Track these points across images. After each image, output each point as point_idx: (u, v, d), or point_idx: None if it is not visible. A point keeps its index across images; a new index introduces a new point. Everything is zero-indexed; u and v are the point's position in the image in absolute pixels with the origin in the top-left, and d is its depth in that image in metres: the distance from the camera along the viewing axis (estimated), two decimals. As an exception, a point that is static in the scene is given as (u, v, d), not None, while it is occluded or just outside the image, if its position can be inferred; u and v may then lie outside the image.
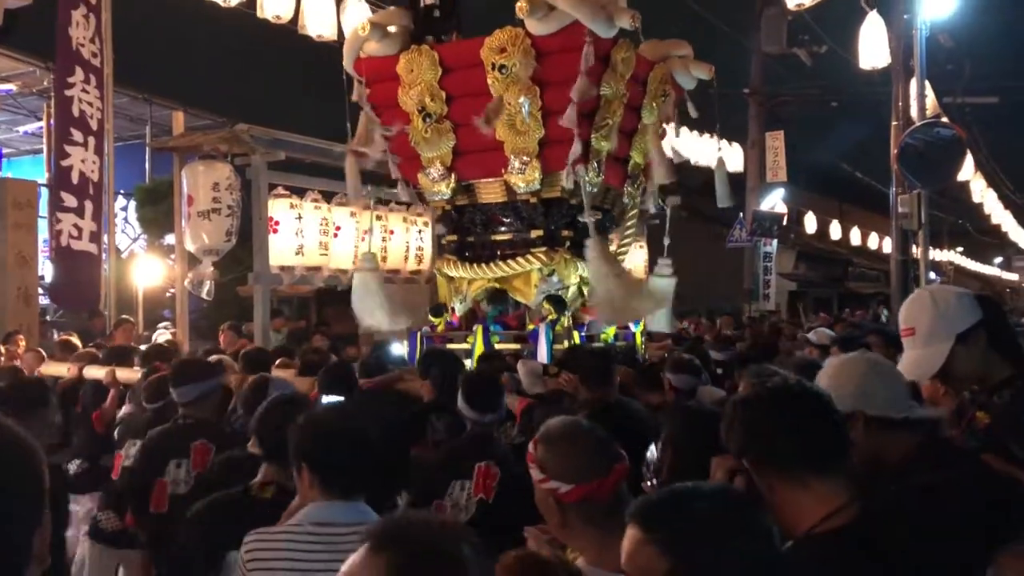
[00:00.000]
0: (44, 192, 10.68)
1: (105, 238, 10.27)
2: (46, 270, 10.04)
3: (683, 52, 6.60)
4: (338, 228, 9.85)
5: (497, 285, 6.24)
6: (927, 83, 11.49)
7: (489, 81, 5.74)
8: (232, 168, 8.78)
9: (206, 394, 3.91)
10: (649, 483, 2.33)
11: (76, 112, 9.88)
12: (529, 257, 6.06)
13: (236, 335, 8.99)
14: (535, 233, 6.18)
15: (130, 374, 5.30)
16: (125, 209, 14.62)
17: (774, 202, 18.39)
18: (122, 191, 13.53)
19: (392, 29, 6.15)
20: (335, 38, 9.09)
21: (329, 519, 2.10)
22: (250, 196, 9.09)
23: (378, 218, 10.51)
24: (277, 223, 9.22)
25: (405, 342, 6.72)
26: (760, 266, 17.79)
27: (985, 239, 33.64)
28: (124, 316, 9.46)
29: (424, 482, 3.41)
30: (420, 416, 4.08)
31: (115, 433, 4.70)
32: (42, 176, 11.91)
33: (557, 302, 5.94)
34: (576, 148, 5.64)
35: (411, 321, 6.65)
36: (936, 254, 26.97)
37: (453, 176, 6.14)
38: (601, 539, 1.73)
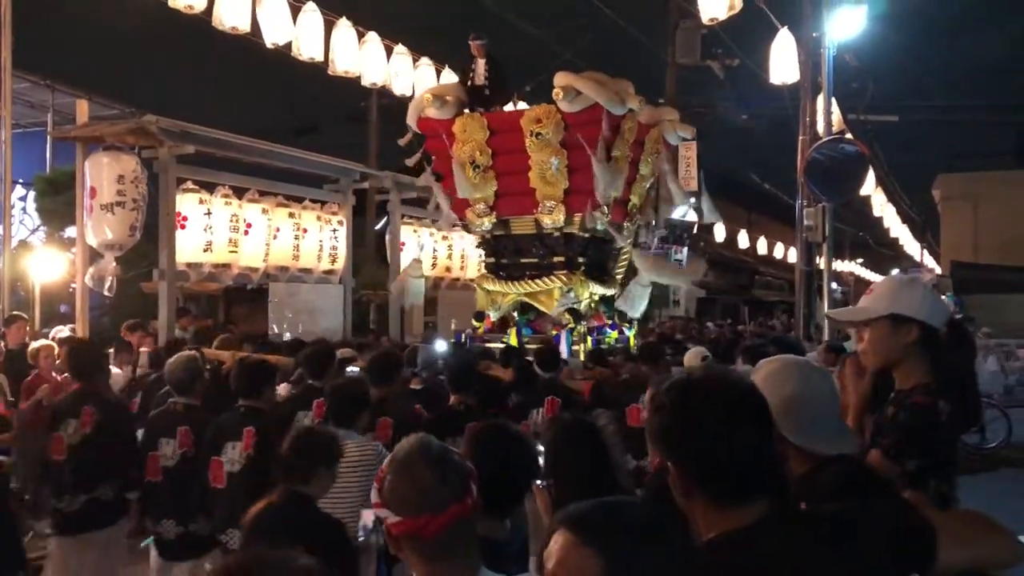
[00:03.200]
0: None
1: (0, 228, 9.79)
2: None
3: (672, 117, 8.66)
4: (249, 225, 9.65)
5: (525, 299, 8.29)
6: (833, 100, 11.90)
7: (527, 143, 7.75)
8: (139, 160, 8.49)
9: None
10: (540, 483, 2.52)
11: (-31, 95, 9.39)
12: (552, 278, 8.13)
13: (141, 333, 8.68)
14: (557, 259, 8.24)
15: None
16: (24, 199, 13.96)
17: (685, 211, 18.76)
18: (20, 180, 12.90)
19: (449, 99, 8.23)
20: (248, 31, 8.87)
21: None
22: (157, 190, 8.82)
23: (291, 215, 10.35)
24: (185, 218, 8.98)
25: (451, 340, 8.52)
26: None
27: (884, 251, 35.08)
28: (16, 312, 9.01)
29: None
30: (506, 391, 5.60)
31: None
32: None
33: (575, 313, 8.04)
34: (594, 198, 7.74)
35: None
36: (839, 265, 27.97)
37: (494, 213, 8.28)
38: (430, 572, 1.65)
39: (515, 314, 8.38)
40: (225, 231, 9.31)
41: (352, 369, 5.90)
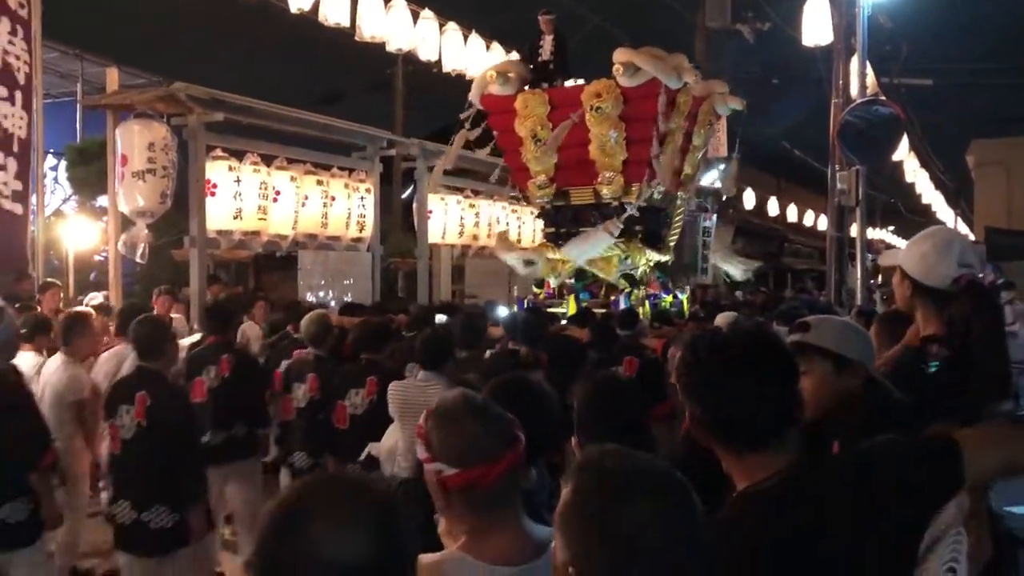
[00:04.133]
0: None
1: (33, 198, 9.88)
2: (-31, 231, 9.61)
3: (722, 89, 9.14)
4: (278, 192, 9.67)
5: (584, 266, 8.67)
6: (867, 63, 11.67)
7: (587, 117, 8.11)
8: (168, 128, 8.52)
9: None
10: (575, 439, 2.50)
11: (0, 64, 9.44)
12: (611, 245, 8.43)
13: (171, 300, 8.77)
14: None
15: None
16: (55, 169, 14.09)
17: (714, 178, 18.58)
18: (51, 150, 13.01)
19: (511, 75, 8.63)
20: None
21: None
22: (186, 158, 8.85)
23: (319, 183, 10.35)
24: (215, 186, 9.01)
25: (513, 306, 8.92)
26: (700, 240, 18.00)
27: (915, 218, 34.55)
28: (50, 280, 9.13)
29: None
30: (586, 348, 5.63)
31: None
32: (-35, 132, 11.37)
33: (631, 279, 8.63)
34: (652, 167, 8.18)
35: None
36: (869, 232, 27.61)
37: (554, 185, 8.74)
38: (479, 527, 1.64)
39: (572, 281, 8.87)
40: (255, 198, 9.33)
41: (440, 318, 6.85)
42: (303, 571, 1.00)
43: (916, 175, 24.00)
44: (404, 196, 17.96)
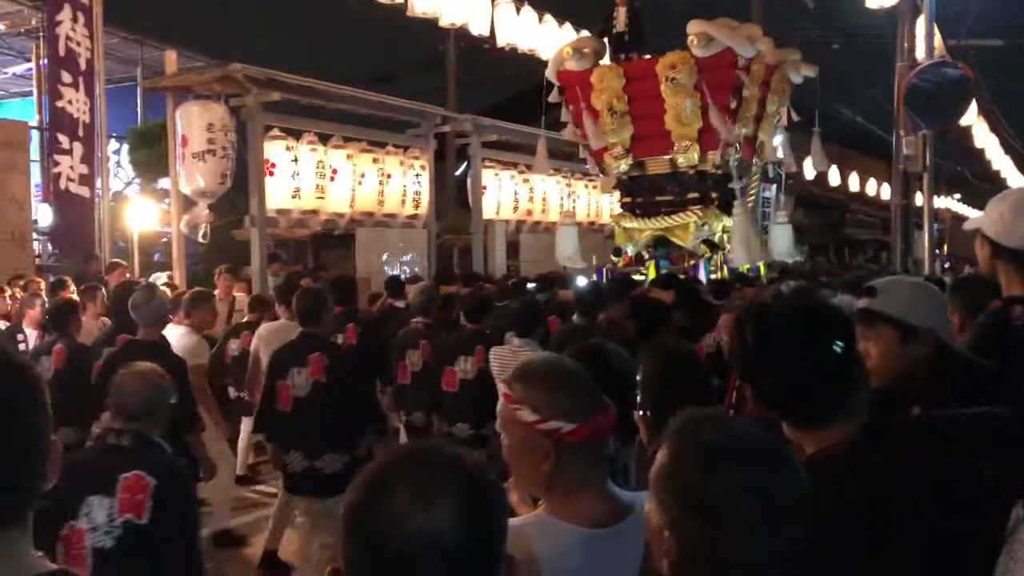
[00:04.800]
0: (34, 135, 10.47)
1: (99, 181, 10.12)
2: (38, 214, 9.88)
3: (795, 57, 9.26)
4: (335, 171, 9.74)
5: (662, 233, 8.93)
6: (934, 24, 11.27)
7: (662, 88, 8.35)
8: (227, 109, 8.62)
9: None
10: (639, 413, 2.45)
11: (63, 51, 9.66)
12: (688, 212, 8.77)
13: (233, 279, 8.89)
14: (691, 195, 8.86)
15: None
16: (117, 153, 14.39)
17: (775, 147, 18.21)
18: (113, 134, 13.29)
19: (586, 51, 8.83)
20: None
21: None
22: (245, 138, 8.95)
23: (374, 161, 10.40)
24: (273, 165, 9.10)
25: (592, 275, 9.24)
26: (759, 211, 17.71)
27: (984, 186, 33.48)
28: (116, 260, 9.35)
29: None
30: (669, 310, 5.82)
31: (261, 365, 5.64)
32: (31, 119, 11.68)
33: (711, 245, 8.84)
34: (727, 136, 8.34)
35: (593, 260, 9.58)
36: (935, 200, 26.84)
37: (630, 155, 8.87)
38: (571, 490, 1.63)
39: (652, 249, 9.12)
40: (312, 177, 9.41)
41: (531, 285, 7.88)
42: (389, 537, 1.00)
43: (985, 140, 23.21)
44: (458, 173, 17.98)
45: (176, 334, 5.50)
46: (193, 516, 3.05)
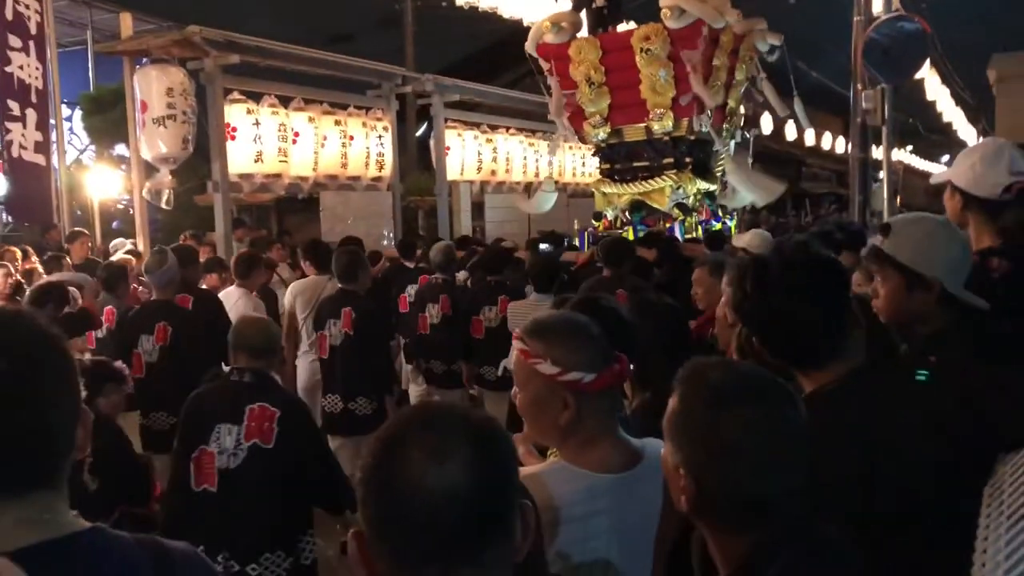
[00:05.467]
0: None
1: (54, 148, 9.90)
2: (-8, 183, 9.66)
3: (761, 26, 9.61)
4: (296, 134, 9.63)
5: (639, 197, 9.28)
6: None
7: (637, 60, 8.70)
8: (186, 72, 8.45)
9: None
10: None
11: (11, 15, 9.38)
12: (663, 177, 9.16)
13: (197, 245, 8.80)
14: (666, 160, 9.22)
15: None
16: (69, 119, 14.06)
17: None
18: (65, 100, 12.98)
19: (564, 24, 9.07)
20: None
21: None
22: (205, 102, 8.80)
23: (336, 123, 10.29)
24: (234, 129, 8.97)
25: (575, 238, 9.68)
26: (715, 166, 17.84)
27: (935, 137, 34.03)
28: (78, 229, 9.19)
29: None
30: (650, 266, 6.36)
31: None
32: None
33: (684, 208, 9.26)
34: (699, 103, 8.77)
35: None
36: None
37: (608, 124, 9.22)
38: (586, 438, 1.70)
39: (627, 213, 9.46)
40: (274, 141, 9.30)
41: (544, 246, 8.56)
42: (406, 495, 1.03)
43: (937, 92, 23.56)
44: (418, 134, 17.83)
45: (234, 297, 5.90)
46: (318, 439, 3.59)
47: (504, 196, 13.43)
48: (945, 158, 44.84)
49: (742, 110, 10.20)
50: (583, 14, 9.79)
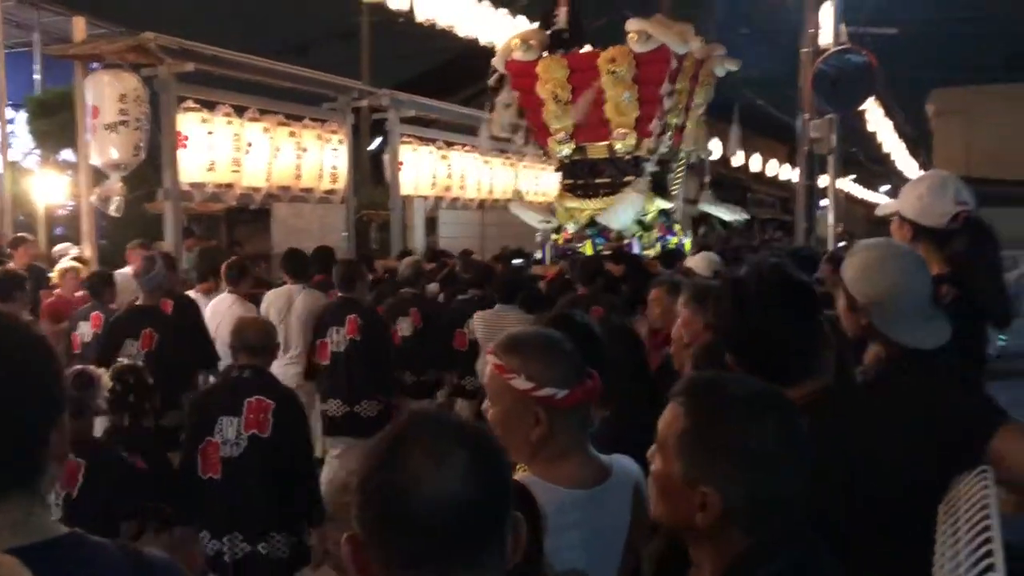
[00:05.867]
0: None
1: (-3, 151, 9.66)
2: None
3: (720, 52, 10.12)
4: (250, 144, 9.51)
5: (600, 213, 9.53)
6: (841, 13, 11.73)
7: (603, 80, 9.09)
8: (140, 79, 8.33)
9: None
10: None
11: (-42, 14, 9.16)
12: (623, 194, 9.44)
13: (145, 253, 8.65)
14: (627, 178, 9.53)
15: None
16: (12, 122, 13.71)
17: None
18: (10, 102, 12.67)
19: (533, 42, 9.51)
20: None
21: None
22: (157, 110, 8.67)
23: (291, 135, 10.21)
24: (186, 138, 8.83)
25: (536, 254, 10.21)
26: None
27: (876, 168, 34.96)
28: (23, 234, 8.97)
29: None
30: (618, 282, 6.65)
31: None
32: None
33: (642, 224, 9.61)
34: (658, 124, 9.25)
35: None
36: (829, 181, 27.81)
37: (573, 141, 9.64)
38: (557, 453, 1.72)
39: (585, 228, 9.84)
40: (228, 150, 9.18)
41: (517, 261, 9.13)
42: (404, 501, 1.04)
43: (879, 124, 24.28)
44: (371, 148, 17.78)
45: (226, 303, 6.00)
46: (305, 430, 3.90)
47: (458, 212, 13.45)
48: (885, 187, 46.14)
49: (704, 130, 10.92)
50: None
